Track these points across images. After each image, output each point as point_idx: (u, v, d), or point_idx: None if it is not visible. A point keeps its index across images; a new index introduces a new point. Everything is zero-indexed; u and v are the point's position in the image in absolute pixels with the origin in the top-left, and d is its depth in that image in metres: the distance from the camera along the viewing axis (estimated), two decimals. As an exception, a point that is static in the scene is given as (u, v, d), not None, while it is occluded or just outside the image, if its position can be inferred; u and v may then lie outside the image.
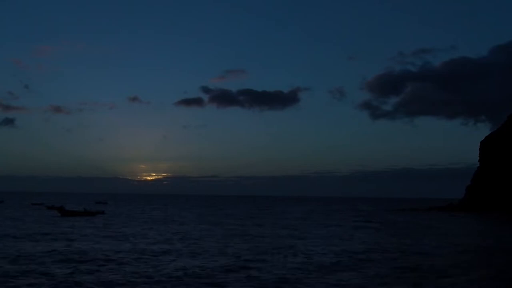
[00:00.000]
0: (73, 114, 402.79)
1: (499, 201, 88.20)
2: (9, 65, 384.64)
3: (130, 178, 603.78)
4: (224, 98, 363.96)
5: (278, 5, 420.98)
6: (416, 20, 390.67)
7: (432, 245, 32.46)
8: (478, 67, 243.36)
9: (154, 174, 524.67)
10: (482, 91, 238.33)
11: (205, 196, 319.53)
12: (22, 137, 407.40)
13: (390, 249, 30.05)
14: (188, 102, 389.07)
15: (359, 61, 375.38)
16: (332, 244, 32.29)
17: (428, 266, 22.99)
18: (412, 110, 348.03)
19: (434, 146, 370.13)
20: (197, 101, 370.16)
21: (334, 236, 39.43)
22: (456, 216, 77.41)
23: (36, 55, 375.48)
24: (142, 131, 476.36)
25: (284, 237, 37.80)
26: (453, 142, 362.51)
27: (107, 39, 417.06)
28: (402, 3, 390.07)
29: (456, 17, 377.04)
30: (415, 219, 70.06)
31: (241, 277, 19.26)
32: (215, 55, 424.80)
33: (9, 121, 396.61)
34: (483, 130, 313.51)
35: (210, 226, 48.66)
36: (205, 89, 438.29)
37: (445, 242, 34.88)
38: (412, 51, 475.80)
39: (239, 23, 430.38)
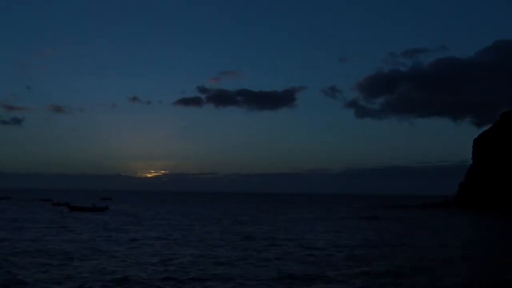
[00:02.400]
0: (75, 114, 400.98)
1: (492, 198, 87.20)
2: (12, 66, 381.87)
3: (131, 175, 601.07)
4: (221, 98, 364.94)
5: (271, 9, 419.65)
6: (407, 21, 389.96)
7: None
8: (467, 67, 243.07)
9: (154, 171, 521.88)
10: (470, 91, 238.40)
11: (202, 193, 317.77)
12: (26, 136, 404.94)
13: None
14: (186, 101, 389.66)
15: (351, 62, 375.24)
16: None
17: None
18: (402, 109, 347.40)
19: (423, 144, 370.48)
20: (195, 101, 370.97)
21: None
22: (451, 213, 76.59)
23: (38, 56, 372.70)
24: (142, 130, 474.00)
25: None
26: (442, 140, 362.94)
27: (107, 41, 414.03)
28: (393, 5, 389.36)
29: (446, 17, 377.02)
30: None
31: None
32: (211, 57, 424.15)
33: (13, 121, 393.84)
34: (471, 128, 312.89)
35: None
36: (202, 90, 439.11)
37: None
38: (402, 52, 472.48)
39: (234, 26, 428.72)
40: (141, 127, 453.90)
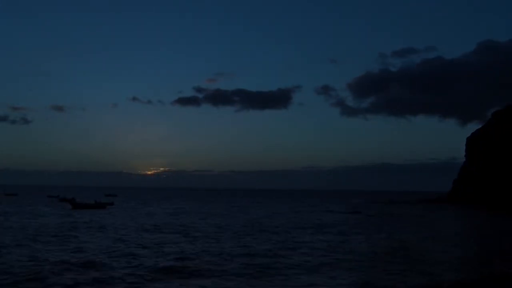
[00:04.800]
0: (78, 114, 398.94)
1: (485, 194, 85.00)
2: (15, 67, 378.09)
3: (132, 172, 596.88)
4: (218, 98, 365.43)
5: (264, 13, 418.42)
6: (396, 22, 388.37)
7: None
8: (454, 68, 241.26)
9: (154, 168, 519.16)
10: (457, 90, 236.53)
11: (199, 189, 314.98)
12: (31, 136, 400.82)
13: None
14: (184, 101, 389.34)
15: (343, 63, 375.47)
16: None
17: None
18: (391, 108, 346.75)
19: (411, 142, 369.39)
20: (193, 100, 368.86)
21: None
22: (447, 209, 74.20)
23: (41, 58, 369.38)
24: (143, 129, 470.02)
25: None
26: (429, 139, 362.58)
27: (107, 44, 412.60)
28: (383, 6, 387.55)
29: (435, 18, 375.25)
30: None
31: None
32: (207, 59, 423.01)
33: (18, 121, 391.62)
34: (457, 127, 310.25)
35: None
36: (200, 90, 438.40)
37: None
38: (392, 52, 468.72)
39: (230, 30, 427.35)
40: (142, 126, 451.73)
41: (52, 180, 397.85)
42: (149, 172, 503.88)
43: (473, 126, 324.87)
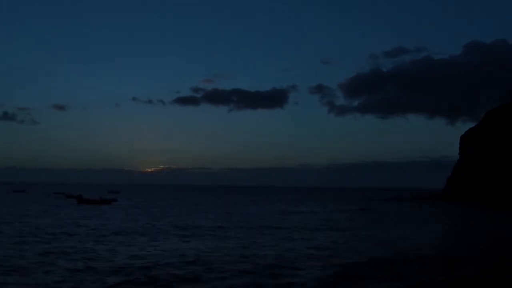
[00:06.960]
0: (80, 113, 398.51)
1: (479, 191, 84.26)
2: (17, 68, 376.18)
3: (133, 170, 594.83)
4: (215, 97, 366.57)
5: (259, 16, 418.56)
6: (387, 23, 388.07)
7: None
8: (444, 68, 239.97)
9: (154, 166, 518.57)
10: (445, 90, 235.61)
11: (198, 187, 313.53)
12: (37, 135, 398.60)
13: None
14: (183, 100, 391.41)
15: (335, 64, 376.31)
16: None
17: None
18: (382, 108, 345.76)
19: (402, 141, 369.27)
20: (192, 100, 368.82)
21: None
22: (443, 206, 73.33)
23: (42, 59, 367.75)
24: (143, 127, 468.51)
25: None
26: (419, 137, 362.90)
27: (107, 46, 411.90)
28: (373, 9, 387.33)
29: (425, 20, 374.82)
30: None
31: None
32: (205, 60, 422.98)
33: (22, 120, 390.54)
34: (447, 126, 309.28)
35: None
36: (198, 90, 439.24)
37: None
38: (382, 53, 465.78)
39: (226, 32, 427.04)
40: (142, 125, 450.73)
41: (55, 177, 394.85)
42: (150, 170, 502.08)
43: (461, 125, 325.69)
